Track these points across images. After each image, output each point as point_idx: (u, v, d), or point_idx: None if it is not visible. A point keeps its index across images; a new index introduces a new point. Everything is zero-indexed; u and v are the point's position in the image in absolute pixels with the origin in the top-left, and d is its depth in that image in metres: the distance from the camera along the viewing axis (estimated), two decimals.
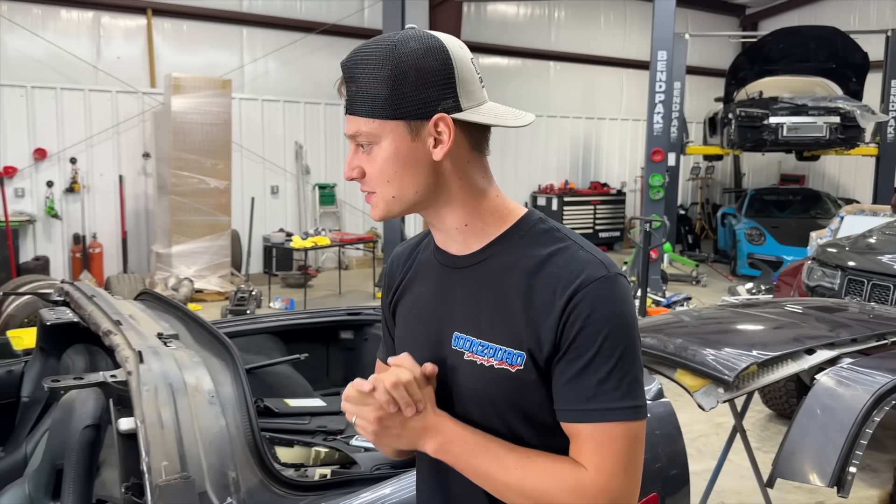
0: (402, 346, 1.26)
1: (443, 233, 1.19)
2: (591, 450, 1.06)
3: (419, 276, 1.26)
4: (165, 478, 1.39)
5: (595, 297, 1.05)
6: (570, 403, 1.07)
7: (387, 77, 1.07)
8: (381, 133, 1.09)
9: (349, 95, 1.11)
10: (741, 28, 16.00)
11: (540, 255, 1.11)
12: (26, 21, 9.05)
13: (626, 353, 1.06)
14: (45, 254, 9.13)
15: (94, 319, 1.82)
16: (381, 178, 1.11)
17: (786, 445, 2.27)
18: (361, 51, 1.11)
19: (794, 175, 15.13)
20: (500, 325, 1.11)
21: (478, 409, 1.14)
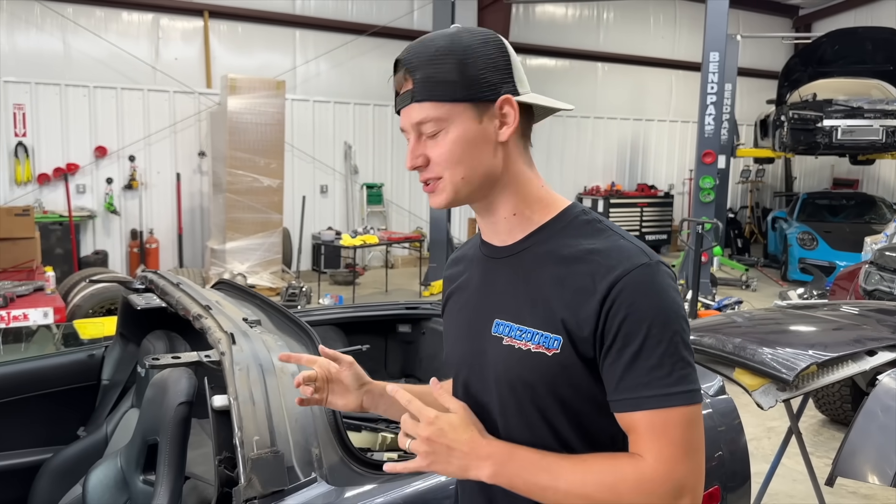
0: (447, 336, 1.32)
1: (491, 224, 1.23)
2: (650, 438, 1.06)
3: (467, 269, 1.31)
4: (257, 451, 1.48)
5: (638, 284, 1.06)
6: (624, 392, 1.07)
7: (453, 62, 1.12)
8: (450, 117, 1.13)
9: (417, 83, 1.13)
10: (794, 29, 15.72)
11: (580, 243, 1.14)
12: (90, 23, 9.38)
13: (674, 338, 1.06)
14: (104, 248, 9.44)
15: (184, 305, 1.92)
16: (451, 159, 1.14)
17: (846, 445, 2.27)
18: (421, 44, 1.15)
19: (847, 179, 14.80)
20: (539, 310, 1.13)
21: (513, 394, 1.16)
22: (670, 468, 1.05)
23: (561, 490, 1.07)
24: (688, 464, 1.06)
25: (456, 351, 1.29)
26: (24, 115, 8.97)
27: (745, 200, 15.28)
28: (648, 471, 1.05)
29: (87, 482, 1.95)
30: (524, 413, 1.16)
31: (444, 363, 1.34)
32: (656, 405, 1.05)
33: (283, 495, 1.48)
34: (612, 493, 1.05)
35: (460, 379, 1.27)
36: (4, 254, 6.07)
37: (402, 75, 1.15)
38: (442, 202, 1.18)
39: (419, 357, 3.35)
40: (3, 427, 2.63)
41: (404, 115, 1.17)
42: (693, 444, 1.06)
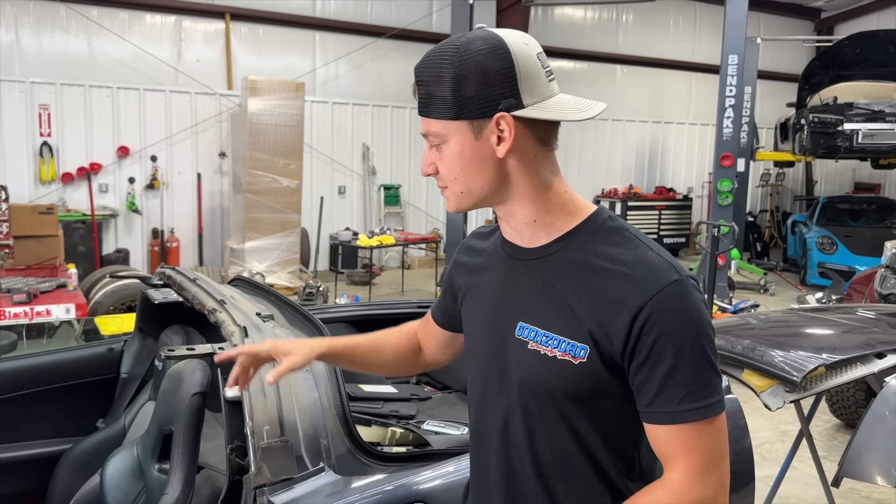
0: (467, 329, 1.35)
1: (512, 227, 1.24)
2: (685, 451, 1.10)
3: (488, 264, 1.32)
4: (267, 441, 1.53)
5: (670, 303, 1.08)
6: (660, 406, 1.10)
7: (449, 79, 1.12)
8: (448, 133, 1.15)
9: (420, 98, 1.18)
10: (816, 32, 15.59)
11: (609, 253, 1.14)
12: (114, 25, 9.53)
13: (705, 351, 1.10)
14: (126, 247, 9.59)
15: (199, 299, 1.98)
16: (451, 174, 1.18)
17: (853, 446, 2.28)
18: (430, 55, 1.16)
19: (869, 183, 14.64)
20: (566, 318, 1.14)
21: (536, 397, 1.18)
22: (704, 477, 1.10)
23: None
24: (720, 467, 1.12)
25: (476, 347, 1.30)
26: (48, 116, 9.14)
27: (764, 204, 15.17)
28: (685, 489, 1.10)
29: (104, 471, 2.01)
30: (546, 416, 1.18)
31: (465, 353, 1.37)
32: (692, 418, 1.09)
33: (291, 483, 1.53)
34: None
35: (480, 375, 1.29)
36: (29, 251, 6.20)
37: (415, 84, 1.19)
38: (450, 209, 1.24)
39: None
40: (26, 418, 2.71)
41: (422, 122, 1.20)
42: (724, 450, 1.12)
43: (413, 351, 1.57)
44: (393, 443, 2.38)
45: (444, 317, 1.51)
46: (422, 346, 1.58)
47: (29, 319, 5.08)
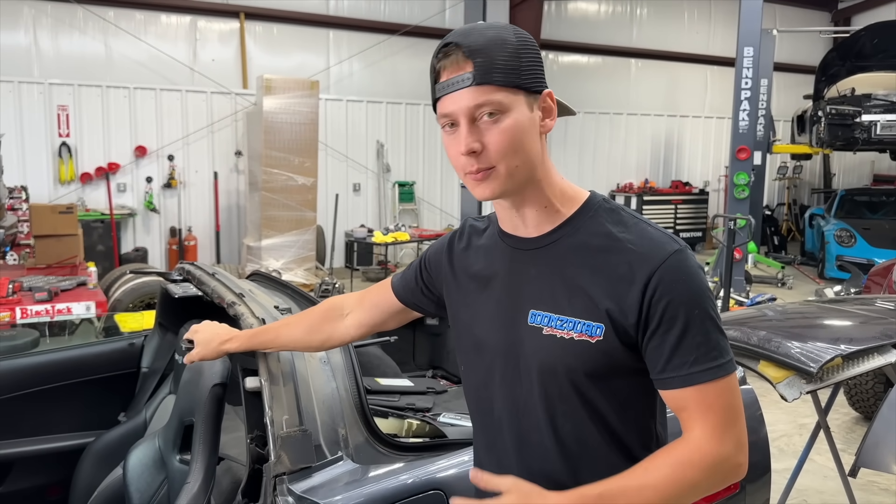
0: (471, 324, 1.33)
1: (519, 216, 1.24)
2: (703, 411, 1.13)
3: (487, 258, 1.32)
4: (286, 430, 1.55)
5: (674, 272, 1.13)
6: (674, 370, 1.13)
7: (514, 49, 1.13)
8: (510, 103, 1.12)
9: (479, 65, 1.11)
10: (833, 23, 15.43)
11: (611, 232, 1.18)
12: (130, 26, 9.63)
13: (711, 314, 1.14)
14: (144, 245, 9.69)
15: (219, 293, 2.01)
16: (509, 148, 1.13)
17: (870, 436, 2.28)
18: (472, 29, 1.15)
19: (888, 176, 14.50)
20: (579, 300, 1.16)
21: (556, 382, 1.20)
22: (725, 434, 1.13)
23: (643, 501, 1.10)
24: (737, 425, 1.15)
25: (484, 341, 1.30)
26: (67, 116, 9.25)
27: (782, 197, 15.07)
28: (707, 447, 1.12)
29: (126, 462, 2.05)
30: (567, 399, 1.20)
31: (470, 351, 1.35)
32: (705, 379, 1.12)
33: (310, 472, 1.55)
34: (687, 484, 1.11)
35: (487, 367, 1.29)
36: (49, 250, 6.28)
37: (458, 58, 1.12)
38: (492, 192, 1.17)
39: (446, 350, 3.41)
40: (49, 412, 2.76)
41: (456, 98, 1.13)
42: (739, 407, 1.15)
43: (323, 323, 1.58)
44: (409, 434, 2.41)
45: (407, 292, 1.51)
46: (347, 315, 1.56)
47: (50, 317, 5.16)
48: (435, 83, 1.16)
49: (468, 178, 1.17)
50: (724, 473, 1.14)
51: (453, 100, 1.13)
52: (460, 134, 1.14)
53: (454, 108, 1.13)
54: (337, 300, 1.60)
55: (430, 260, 1.47)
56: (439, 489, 1.63)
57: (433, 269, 1.45)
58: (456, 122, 1.15)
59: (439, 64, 1.15)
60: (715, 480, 1.14)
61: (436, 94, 1.16)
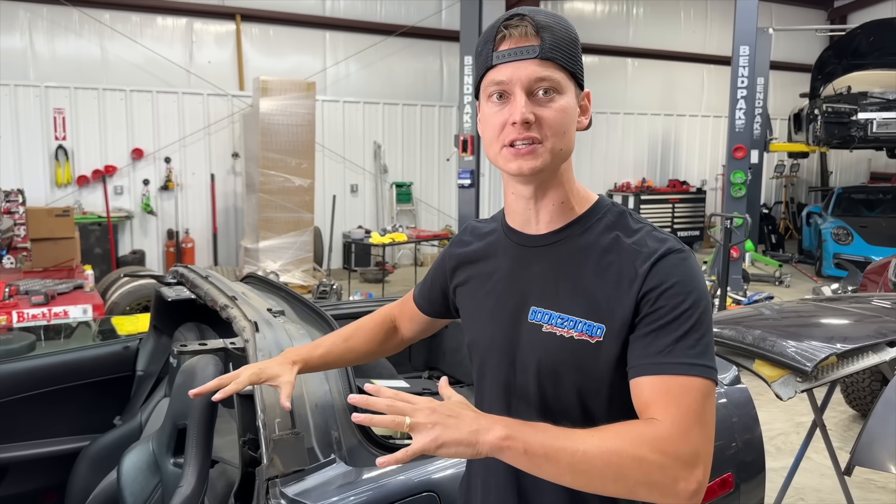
0: (472, 319, 1.34)
1: (533, 210, 1.23)
2: (666, 402, 1.06)
3: (490, 254, 1.33)
4: (279, 433, 1.55)
5: (673, 266, 1.13)
6: (646, 357, 1.09)
7: (575, 39, 1.17)
8: (565, 85, 1.15)
9: (547, 40, 1.12)
10: (829, 21, 15.45)
11: (618, 235, 1.19)
12: (126, 29, 9.62)
13: (702, 318, 1.10)
14: (141, 248, 9.68)
15: (211, 296, 2.01)
16: (559, 128, 1.14)
17: (864, 434, 2.28)
18: (544, 11, 1.17)
19: (885, 173, 14.51)
20: (581, 299, 1.16)
21: (552, 379, 1.19)
22: (685, 433, 1.03)
23: (580, 450, 1.01)
24: (703, 433, 1.05)
25: (483, 335, 1.30)
26: (63, 119, 9.24)
27: (779, 195, 15.08)
28: (665, 433, 1.03)
29: (121, 466, 2.05)
30: (562, 397, 1.19)
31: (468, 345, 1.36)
32: (676, 371, 1.06)
33: (303, 474, 1.55)
34: (631, 452, 1.01)
35: (489, 362, 1.29)
36: (46, 253, 6.27)
37: (527, 29, 1.13)
38: (537, 166, 1.15)
39: (442, 350, 3.41)
40: (44, 415, 2.76)
41: (518, 67, 1.12)
42: (707, 417, 1.07)
43: (387, 336, 1.62)
44: (405, 436, 2.40)
45: (426, 302, 1.55)
46: (398, 326, 1.63)
47: (47, 321, 5.15)
48: (493, 50, 1.15)
49: (507, 152, 1.15)
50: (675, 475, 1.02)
51: (514, 68, 1.12)
52: (515, 103, 1.13)
53: (513, 77, 1.13)
54: (387, 314, 1.63)
55: (438, 267, 1.50)
56: (433, 491, 1.63)
57: (442, 276, 1.47)
58: (508, 91, 1.14)
59: (504, 32, 1.14)
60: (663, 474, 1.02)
61: (492, 62, 1.15)
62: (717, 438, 1.46)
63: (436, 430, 1.00)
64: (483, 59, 1.17)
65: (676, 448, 1.03)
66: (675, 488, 1.02)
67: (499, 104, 1.15)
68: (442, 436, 1.00)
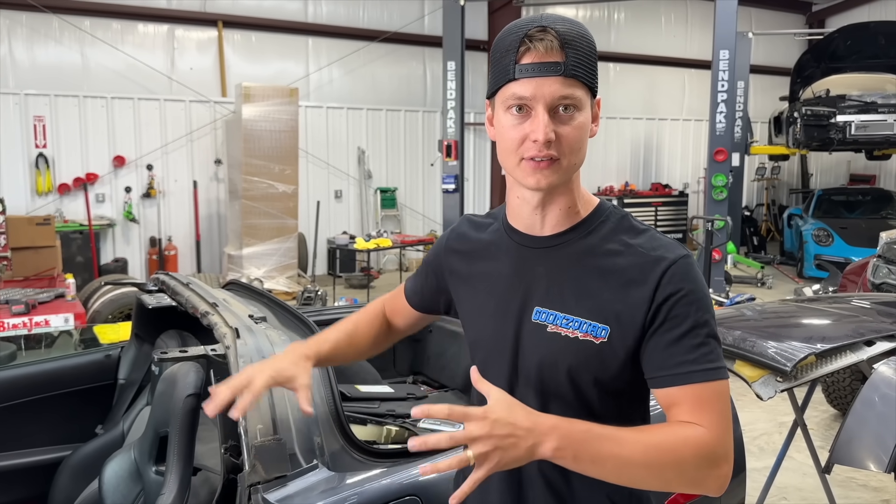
0: (474, 319, 1.34)
1: (539, 214, 1.24)
2: (701, 409, 1.11)
3: (491, 253, 1.32)
4: (260, 439, 1.55)
5: (684, 273, 1.15)
6: (673, 368, 1.13)
7: (594, 50, 1.16)
8: (584, 102, 1.15)
9: (571, 58, 1.12)
10: (808, 25, 15.63)
11: (622, 238, 1.20)
12: (106, 35, 9.57)
13: (711, 321, 1.15)
14: (124, 256, 9.62)
15: (192, 303, 2.01)
16: (576, 144, 1.15)
17: (843, 432, 2.31)
18: (564, 19, 1.15)
19: (864, 175, 14.69)
20: (586, 300, 1.18)
21: (555, 379, 1.20)
22: (720, 435, 1.11)
23: (625, 456, 1.06)
24: (729, 431, 1.14)
25: (486, 335, 1.30)
26: (44, 127, 9.17)
27: (761, 198, 15.22)
28: (706, 436, 1.10)
29: (102, 474, 2.04)
30: (564, 397, 1.20)
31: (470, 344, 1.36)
32: (703, 379, 1.12)
33: (285, 480, 1.54)
34: (674, 457, 1.08)
35: (491, 361, 1.29)
36: (26, 262, 6.22)
37: (552, 44, 1.11)
38: (549, 182, 1.16)
39: (427, 355, 3.41)
40: (25, 426, 2.73)
41: (542, 84, 1.12)
42: (729, 415, 1.15)
43: (384, 331, 1.63)
44: (389, 441, 2.40)
45: (418, 298, 1.55)
46: (389, 321, 1.63)
47: (28, 330, 5.10)
48: (515, 62, 1.13)
49: (526, 166, 1.16)
50: (709, 472, 1.11)
51: (537, 84, 1.12)
52: (538, 120, 1.12)
53: (536, 94, 1.12)
54: (379, 309, 1.63)
55: (432, 262, 1.49)
56: (416, 495, 1.63)
57: (437, 271, 1.47)
58: (529, 106, 1.13)
59: (528, 44, 1.12)
60: (699, 473, 1.10)
61: (514, 75, 1.13)
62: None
63: (496, 455, 1.02)
64: (503, 68, 1.15)
65: (713, 450, 1.11)
66: (707, 483, 1.11)
67: (518, 117, 1.15)
68: (503, 460, 1.03)
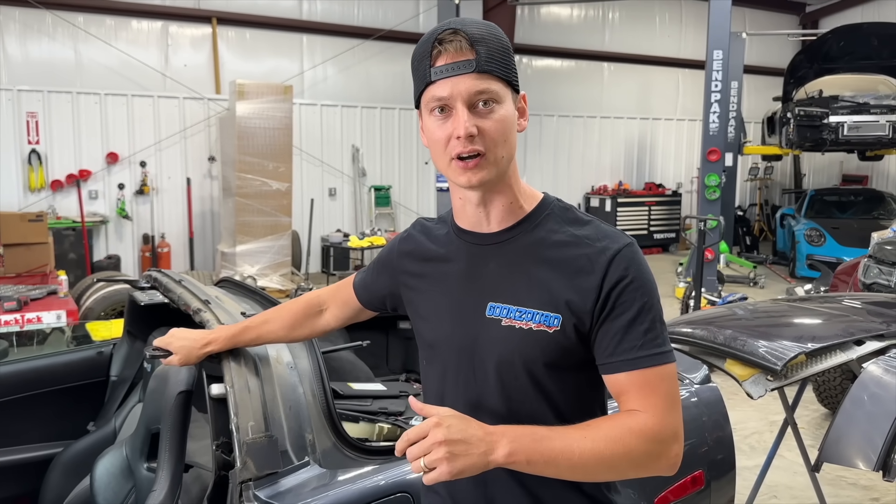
0: (428, 320, 1.35)
1: (483, 212, 1.27)
2: (646, 393, 1.17)
3: (443, 254, 1.35)
4: (252, 436, 1.55)
5: (629, 261, 1.19)
6: (622, 354, 1.18)
7: (507, 47, 1.20)
8: (503, 95, 1.18)
9: (481, 54, 1.16)
10: (801, 26, 15.69)
11: (568, 229, 1.25)
12: (100, 32, 9.53)
13: (657, 305, 1.20)
14: (117, 253, 9.59)
15: (185, 300, 2.01)
16: (500, 137, 1.18)
17: (832, 431, 2.32)
18: (471, 21, 1.20)
19: (856, 175, 14.75)
20: (537, 291, 1.21)
21: (513, 372, 1.23)
22: (665, 416, 1.16)
23: (576, 453, 1.11)
24: (676, 411, 1.19)
25: (442, 335, 1.31)
26: (37, 123, 9.13)
27: (754, 198, 15.26)
28: (650, 421, 1.15)
29: (94, 471, 2.04)
30: (524, 389, 1.23)
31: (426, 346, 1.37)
32: (650, 364, 1.17)
33: (276, 477, 1.55)
34: (622, 447, 1.12)
35: (450, 361, 1.30)
36: (19, 259, 6.19)
37: (461, 43, 1.15)
38: (480, 179, 1.19)
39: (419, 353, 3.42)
40: (17, 422, 2.73)
41: (457, 82, 1.16)
42: (676, 396, 1.20)
43: (307, 319, 1.65)
44: (381, 438, 2.41)
45: (365, 293, 1.58)
46: (324, 311, 1.65)
47: (20, 327, 5.08)
48: (430, 66, 1.17)
49: (455, 165, 1.19)
50: (658, 455, 1.16)
51: (453, 83, 1.16)
52: (458, 117, 1.16)
53: (453, 92, 1.16)
54: (314, 296, 1.66)
55: (383, 261, 1.52)
56: (406, 492, 1.64)
57: (387, 271, 1.50)
58: (449, 105, 1.17)
59: (439, 48, 1.16)
60: (649, 458, 1.15)
61: (430, 77, 1.17)
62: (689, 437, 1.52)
63: (452, 462, 1.06)
64: (421, 74, 1.19)
65: (660, 433, 1.15)
66: (658, 465, 1.17)
67: (441, 118, 1.19)
68: (456, 466, 1.07)
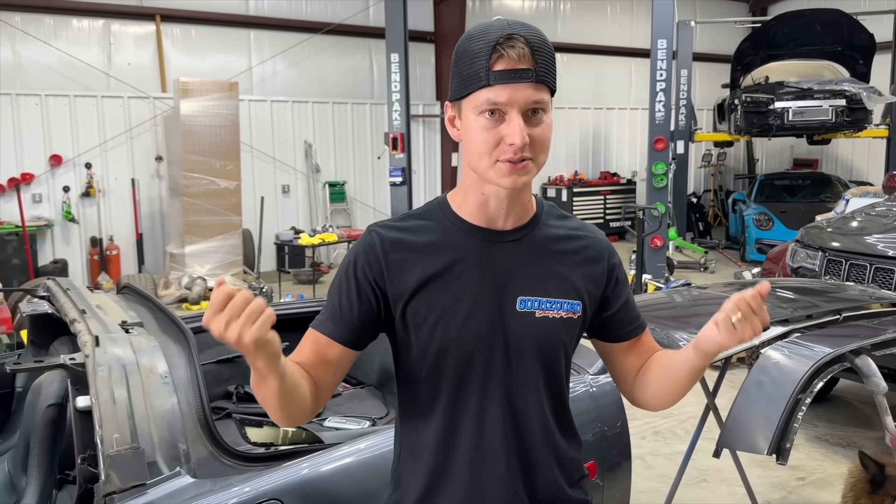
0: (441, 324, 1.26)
1: (506, 209, 1.29)
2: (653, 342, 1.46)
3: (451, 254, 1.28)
4: (116, 449, 1.54)
5: (612, 247, 1.43)
6: (634, 321, 1.43)
7: (554, 56, 1.23)
8: (549, 104, 1.23)
9: (540, 63, 1.18)
10: (751, 13, 15.89)
11: (564, 224, 1.39)
12: (39, 31, 9.31)
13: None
14: (64, 257, 9.40)
15: (65, 310, 1.98)
16: (545, 143, 1.24)
17: (729, 417, 2.36)
18: (530, 27, 1.21)
19: (807, 159, 15.03)
20: (560, 282, 1.33)
21: (551, 357, 1.33)
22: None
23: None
24: None
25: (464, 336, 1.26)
26: None
27: (708, 184, 15.46)
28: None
29: None
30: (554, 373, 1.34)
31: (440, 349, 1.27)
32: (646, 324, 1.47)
33: (144, 489, 1.54)
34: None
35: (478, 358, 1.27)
36: None
37: (524, 52, 1.17)
38: (526, 181, 1.24)
39: None
40: None
41: (517, 90, 1.17)
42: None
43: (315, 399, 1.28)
44: (287, 442, 2.40)
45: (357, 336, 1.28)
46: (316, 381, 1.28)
47: None
48: (488, 69, 1.17)
49: (501, 167, 1.21)
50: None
51: (512, 91, 1.17)
52: (514, 125, 1.18)
53: (511, 99, 1.18)
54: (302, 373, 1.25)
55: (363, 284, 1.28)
56: (277, 499, 1.63)
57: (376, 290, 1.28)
58: (502, 110, 1.19)
59: (501, 51, 1.17)
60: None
61: (489, 81, 1.17)
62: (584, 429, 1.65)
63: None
64: (474, 74, 1.19)
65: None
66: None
67: (492, 121, 1.19)
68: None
